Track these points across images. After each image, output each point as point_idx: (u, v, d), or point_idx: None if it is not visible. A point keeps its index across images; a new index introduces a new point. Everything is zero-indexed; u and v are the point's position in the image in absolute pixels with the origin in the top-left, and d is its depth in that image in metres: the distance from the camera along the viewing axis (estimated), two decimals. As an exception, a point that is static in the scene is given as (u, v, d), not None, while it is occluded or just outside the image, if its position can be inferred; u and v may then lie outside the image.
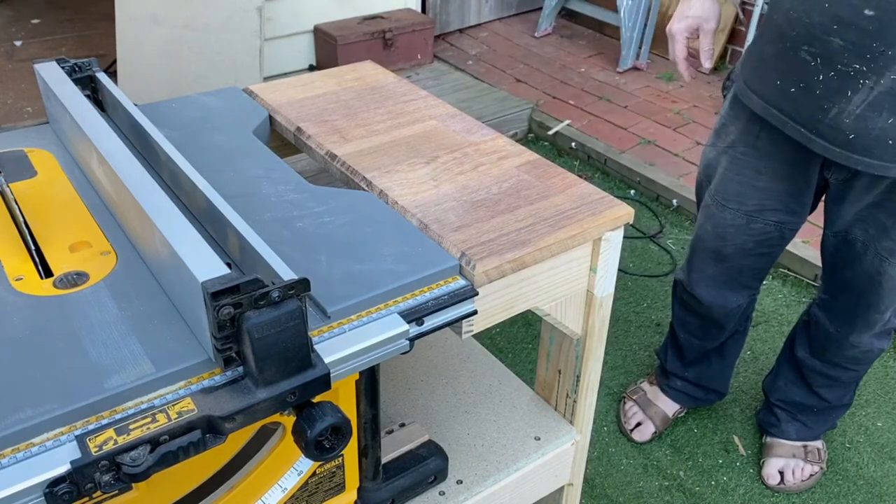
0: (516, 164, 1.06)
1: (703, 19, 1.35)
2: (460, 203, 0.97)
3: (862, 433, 1.95)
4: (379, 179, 1.01)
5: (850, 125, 1.18)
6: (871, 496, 1.79)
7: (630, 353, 2.15)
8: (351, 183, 1.04)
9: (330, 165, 1.09)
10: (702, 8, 1.35)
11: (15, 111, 3.07)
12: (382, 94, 1.26)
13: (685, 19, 1.36)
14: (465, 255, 0.87)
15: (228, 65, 2.90)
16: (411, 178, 1.02)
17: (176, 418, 0.64)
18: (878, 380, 2.11)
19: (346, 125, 1.15)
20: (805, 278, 2.45)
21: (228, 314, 0.64)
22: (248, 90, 1.26)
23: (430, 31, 3.55)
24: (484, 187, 1.00)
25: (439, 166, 1.05)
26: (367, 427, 0.88)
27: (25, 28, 3.89)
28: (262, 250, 0.73)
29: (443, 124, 1.17)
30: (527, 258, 0.89)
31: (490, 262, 0.86)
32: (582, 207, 0.97)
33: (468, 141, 1.12)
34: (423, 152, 1.08)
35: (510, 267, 0.88)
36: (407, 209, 0.95)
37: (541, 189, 1.00)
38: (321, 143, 1.10)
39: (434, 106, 1.23)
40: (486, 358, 1.28)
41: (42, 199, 0.94)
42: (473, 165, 1.05)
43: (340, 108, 1.21)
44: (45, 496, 0.60)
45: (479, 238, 0.90)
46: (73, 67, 1.08)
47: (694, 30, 1.37)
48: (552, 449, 1.12)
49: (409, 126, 1.16)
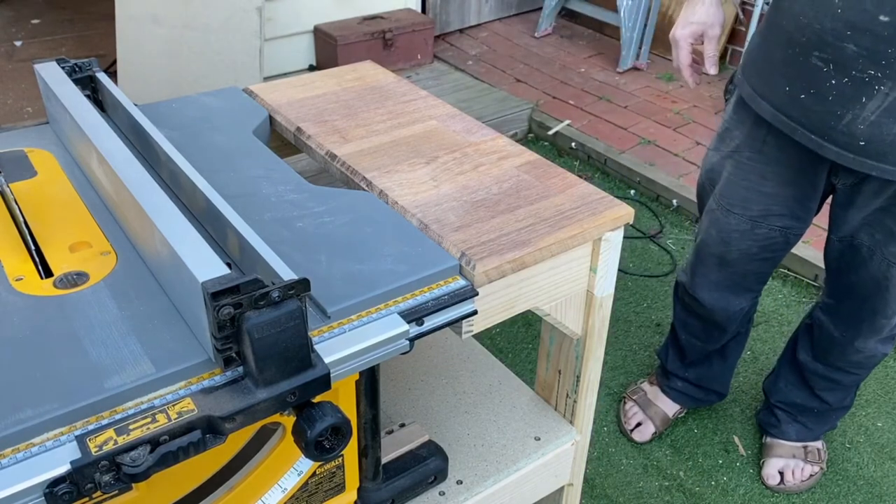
0: (516, 165, 1.06)
1: (707, 25, 1.34)
2: (460, 203, 0.97)
3: (862, 433, 1.95)
4: (379, 179, 1.01)
5: (864, 131, 1.17)
6: (872, 496, 1.79)
7: (630, 353, 2.15)
8: (351, 183, 1.04)
9: (330, 165, 1.08)
10: (706, 14, 1.34)
11: (15, 111, 3.07)
12: (382, 94, 1.26)
13: (689, 25, 1.35)
14: (465, 255, 0.87)
15: (228, 65, 2.90)
16: (411, 178, 1.02)
17: (176, 418, 0.64)
18: (879, 380, 2.11)
19: (346, 125, 1.15)
20: (805, 278, 2.45)
21: (228, 314, 0.64)
22: (248, 90, 1.26)
23: (430, 31, 3.55)
24: (484, 187, 1.00)
25: (439, 166, 1.05)
26: (367, 427, 0.88)
27: (25, 28, 3.90)
28: (262, 250, 0.73)
29: (443, 124, 1.17)
30: (527, 258, 0.89)
31: (490, 263, 0.86)
32: (582, 207, 0.97)
33: (468, 141, 1.12)
34: (423, 152, 1.08)
35: (510, 267, 0.88)
36: (407, 209, 0.95)
37: (541, 189, 1.00)
38: (321, 143, 1.10)
39: (434, 106, 1.22)
40: (486, 358, 1.28)
41: (42, 199, 0.94)
42: (473, 165, 1.05)
43: (340, 108, 1.21)
44: (45, 496, 0.60)
45: (480, 238, 0.90)
46: (73, 67, 1.08)
47: (698, 35, 1.36)
48: (552, 449, 1.12)
49: (409, 126, 1.16)
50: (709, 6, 1.34)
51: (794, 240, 1.50)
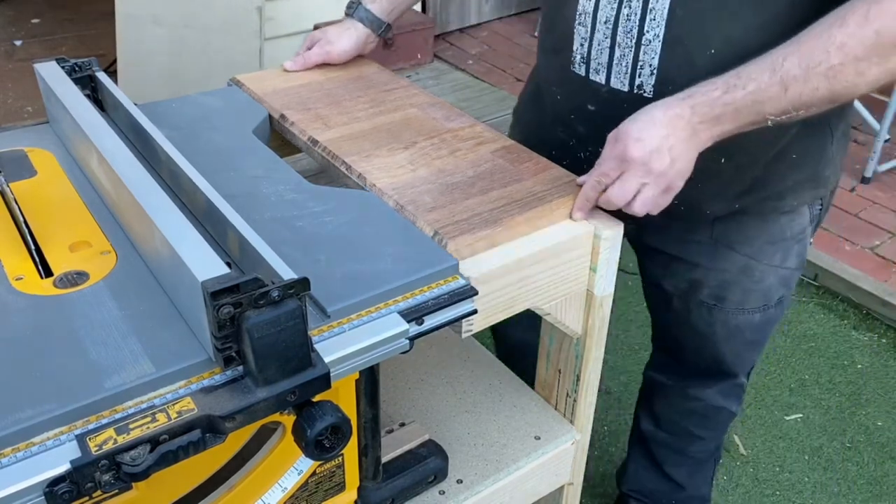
0: (492, 150, 1.09)
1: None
2: (436, 186, 1.00)
3: (862, 433, 1.95)
4: (358, 163, 1.04)
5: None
6: (872, 496, 1.79)
7: (630, 352, 2.15)
8: (331, 167, 1.07)
9: (312, 151, 1.12)
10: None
11: (15, 111, 3.07)
12: (365, 83, 1.29)
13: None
14: (438, 233, 0.90)
15: (228, 65, 2.90)
16: (389, 162, 1.05)
17: (176, 418, 0.64)
18: (879, 379, 2.11)
19: (329, 112, 1.18)
20: (805, 278, 2.46)
21: (228, 314, 0.64)
22: (235, 79, 1.28)
23: (430, 30, 3.55)
24: (460, 171, 1.04)
25: (417, 151, 1.08)
26: (367, 426, 0.88)
27: (25, 28, 3.90)
28: (262, 250, 0.73)
29: (423, 112, 1.20)
30: (497, 237, 0.92)
31: (462, 241, 0.89)
32: (552, 189, 1.00)
33: (447, 128, 1.15)
34: (402, 138, 1.11)
35: (482, 245, 0.90)
36: (384, 191, 0.98)
37: (514, 173, 1.04)
38: (304, 130, 1.13)
39: (415, 95, 1.25)
40: (486, 358, 1.28)
41: (42, 199, 0.94)
42: (451, 150, 1.09)
43: (324, 96, 1.24)
44: (45, 495, 0.60)
45: (453, 218, 0.93)
46: (72, 67, 1.08)
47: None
48: (552, 448, 1.12)
49: (390, 114, 1.19)
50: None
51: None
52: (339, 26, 1.33)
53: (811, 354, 2.23)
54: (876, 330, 2.33)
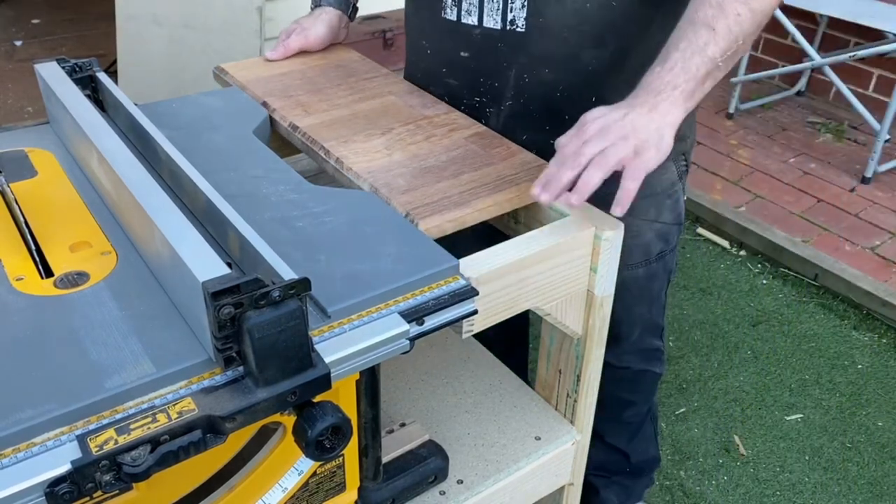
0: (465, 136, 1.13)
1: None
2: (410, 170, 1.04)
3: (863, 433, 1.95)
4: (336, 148, 1.08)
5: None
6: (872, 496, 1.79)
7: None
8: (310, 152, 1.11)
9: (292, 136, 1.15)
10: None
11: (15, 111, 3.07)
12: (346, 71, 1.33)
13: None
14: (409, 214, 0.94)
15: (228, 65, 2.90)
16: (366, 147, 1.09)
17: (176, 418, 0.64)
18: (879, 379, 2.11)
19: (310, 100, 1.22)
20: (805, 277, 2.46)
21: (229, 314, 0.64)
22: (219, 68, 1.32)
23: (431, 30, 3.55)
24: (433, 155, 1.08)
25: (393, 137, 1.12)
26: (367, 427, 0.88)
27: (25, 28, 3.90)
28: (263, 250, 0.73)
29: (401, 99, 1.24)
30: (467, 218, 0.96)
31: (432, 221, 0.94)
32: (521, 173, 1.04)
33: (423, 115, 1.19)
34: (379, 124, 1.15)
35: (451, 226, 0.95)
36: (360, 175, 1.03)
37: (485, 157, 1.08)
38: (284, 116, 1.17)
39: (395, 83, 1.30)
40: (487, 358, 1.28)
41: (42, 199, 0.94)
42: (426, 136, 1.13)
43: (305, 84, 1.27)
44: (45, 496, 0.60)
45: (424, 200, 0.97)
46: (73, 67, 1.08)
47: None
48: (552, 449, 1.12)
49: (369, 101, 1.23)
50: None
51: None
52: (311, 15, 1.41)
53: (811, 354, 2.23)
54: (876, 330, 2.33)
